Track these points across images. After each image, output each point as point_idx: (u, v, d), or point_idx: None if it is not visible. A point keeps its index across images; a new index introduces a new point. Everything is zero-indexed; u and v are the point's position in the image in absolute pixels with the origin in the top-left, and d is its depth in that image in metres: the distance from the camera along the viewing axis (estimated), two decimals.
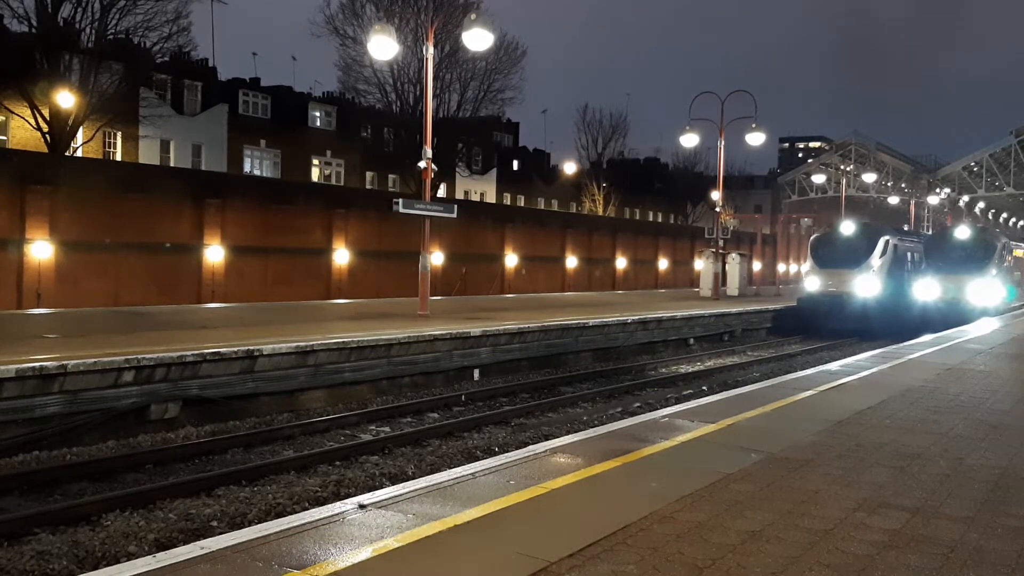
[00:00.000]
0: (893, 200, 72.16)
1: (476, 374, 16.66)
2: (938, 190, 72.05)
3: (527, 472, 6.23)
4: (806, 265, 30.70)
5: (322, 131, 47.91)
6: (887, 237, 29.34)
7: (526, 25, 59.45)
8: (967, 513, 5.50)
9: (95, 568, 5.94)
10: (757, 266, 51.31)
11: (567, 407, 14.24)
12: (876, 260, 28.47)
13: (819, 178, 71.64)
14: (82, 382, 10.58)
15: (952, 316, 27.27)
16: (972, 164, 73.64)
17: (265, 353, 12.72)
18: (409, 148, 38.14)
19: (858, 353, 17.64)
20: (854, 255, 28.66)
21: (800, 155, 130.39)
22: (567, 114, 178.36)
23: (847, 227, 29.88)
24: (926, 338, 19.84)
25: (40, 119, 29.91)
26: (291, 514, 5.91)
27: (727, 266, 36.93)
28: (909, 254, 31.58)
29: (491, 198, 56.93)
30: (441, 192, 46.64)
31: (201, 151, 41.98)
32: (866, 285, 28.06)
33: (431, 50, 20.95)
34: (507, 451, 9.08)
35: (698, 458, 6.89)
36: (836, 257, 29.05)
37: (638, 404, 14.37)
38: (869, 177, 68.38)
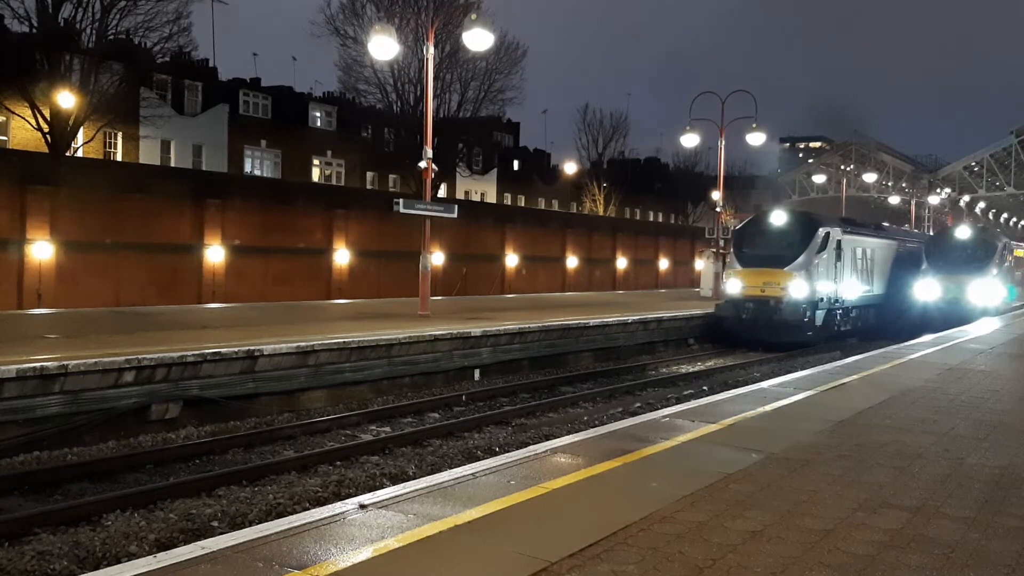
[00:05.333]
0: (894, 200, 72.19)
1: (477, 374, 16.66)
2: (938, 190, 72.03)
3: (528, 472, 6.23)
4: (728, 262, 25.15)
5: (323, 131, 47.92)
6: (828, 229, 24.23)
7: (526, 25, 59.42)
8: (968, 513, 5.50)
9: (96, 568, 5.94)
10: None
11: (568, 407, 14.24)
12: (811, 257, 23.39)
13: (820, 178, 71.75)
14: (83, 382, 10.59)
15: (953, 316, 27.17)
16: (972, 164, 73.63)
17: (266, 353, 12.72)
18: (409, 148, 38.12)
19: (858, 353, 17.63)
20: (786, 250, 23.63)
21: (801, 155, 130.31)
22: (567, 114, 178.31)
23: (778, 216, 24.71)
24: (927, 338, 19.83)
25: (41, 119, 29.91)
26: (292, 514, 5.92)
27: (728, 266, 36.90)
28: (862, 250, 26.84)
29: (491, 198, 56.92)
30: (441, 192, 46.63)
31: (202, 151, 41.99)
32: (798, 288, 22.99)
33: (431, 50, 20.96)
34: (508, 451, 9.09)
35: (698, 458, 6.89)
36: (764, 253, 23.98)
37: (638, 404, 14.37)
38: (869, 177, 68.42)
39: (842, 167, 68.55)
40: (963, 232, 30.87)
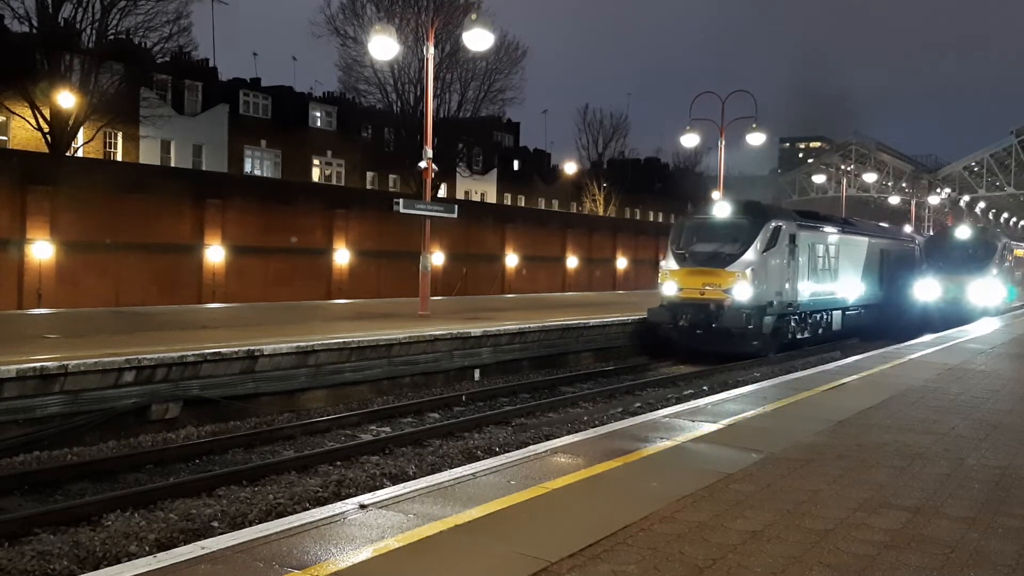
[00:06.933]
0: (894, 200, 72.26)
1: (477, 374, 16.66)
2: (939, 190, 72.10)
3: (528, 472, 6.23)
4: (663, 262, 21.89)
5: (323, 131, 47.92)
6: (779, 223, 21.12)
7: (526, 25, 59.42)
8: (968, 513, 5.50)
9: (96, 568, 5.94)
10: None
11: (568, 407, 14.23)
12: (759, 254, 20.26)
13: (819, 178, 71.93)
14: (83, 382, 10.58)
15: (953, 316, 27.15)
16: (973, 164, 73.80)
17: (266, 353, 12.72)
18: (410, 148, 38.14)
19: (858, 353, 17.63)
20: (729, 247, 20.54)
21: (800, 155, 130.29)
22: (567, 114, 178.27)
23: (721, 208, 21.65)
24: (927, 338, 19.83)
25: (41, 119, 29.93)
26: (292, 514, 5.91)
27: None
28: (824, 247, 23.72)
29: (491, 198, 56.93)
30: (442, 192, 46.63)
31: (202, 151, 42.00)
32: (742, 290, 19.86)
33: (431, 50, 20.96)
34: (508, 451, 9.09)
35: (698, 458, 6.90)
36: (704, 250, 20.86)
37: (638, 404, 14.36)
38: (869, 177, 68.54)
39: (842, 167, 68.60)
40: (963, 232, 30.86)
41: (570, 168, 61.92)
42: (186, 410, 11.74)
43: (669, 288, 20.93)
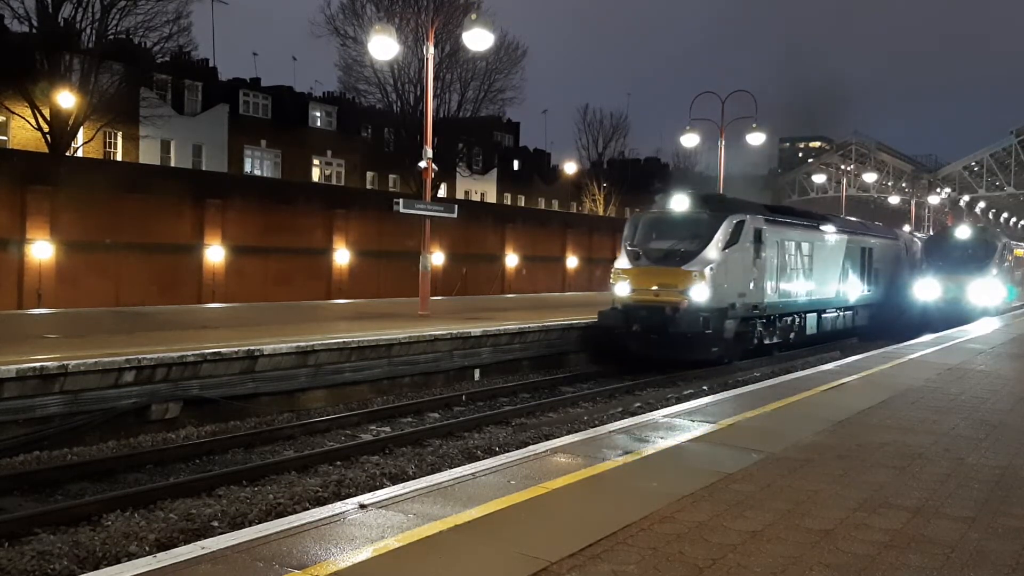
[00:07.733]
0: (894, 200, 72.31)
1: (477, 374, 16.66)
2: (938, 190, 72.13)
3: (528, 472, 6.23)
4: (616, 261, 20.06)
5: (323, 131, 47.93)
6: (742, 217, 19.14)
7: (526, 25, 59.44)
8: (968, 513, 5.50)
9: (96, 568, 5.94)
10: None
11: (567, 407, 14.25)
12: (719, 251, 18.34)
13: (820, 178, 71.96)
14: (83, 382, 10.58)
15: (953, 316, 27.12)
16: (973, 164, 73.84)
17: (266, 353, 12.72)
18: (409, 148, 38.14)
19: (858, 353, 17.63)
20: (686, 244, 18.55)
21: (800, 155, 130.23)
22: (567, 114, 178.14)
23: (679, 202, 19.50)
24: (926, 338, 19.82)
25: (41, 119, 29.93)
26: (292, 514, 5.91)
27: None
28: (795, 244, 21.73)
29: (491, 198, 56.94)
30: (441, 192, 46.63)
31: (202, 151, 42.01)
32: (699, 291, 17.88)
33: (431, 50, 20.97)
34: (507, 451, 9.09)
35: (698, 458, 6.90)
36: (659, 247, 18.88)
37: (638, 404, 14.37)
38: (869, 177, 68.56)
39: (842, 167, 68.65)
40: (963, 232, 30.82)
41: (570, 168, 61.90)
42: (186, 410, 11.74)
43: (622, 289, 19.10)
